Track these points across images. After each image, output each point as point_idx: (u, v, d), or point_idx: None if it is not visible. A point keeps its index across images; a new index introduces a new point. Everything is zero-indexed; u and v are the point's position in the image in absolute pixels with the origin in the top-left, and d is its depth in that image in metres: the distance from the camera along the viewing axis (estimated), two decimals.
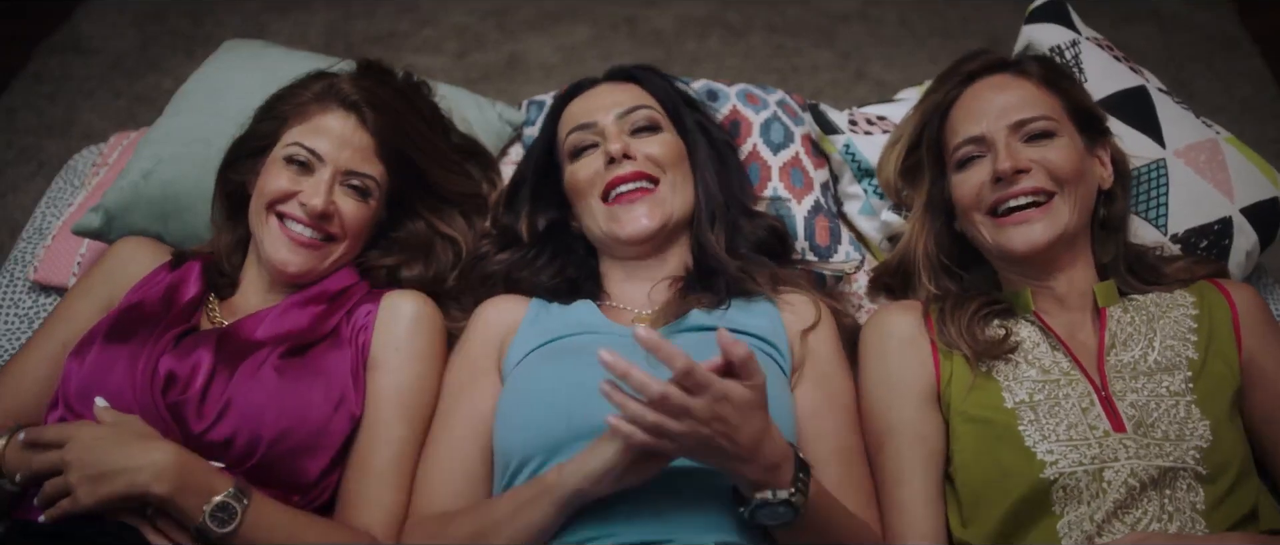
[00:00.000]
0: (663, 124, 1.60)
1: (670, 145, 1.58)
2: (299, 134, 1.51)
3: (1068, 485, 1.30)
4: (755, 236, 1.61)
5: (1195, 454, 1.31)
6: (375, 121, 1.53)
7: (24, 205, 2.63)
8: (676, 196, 1.56)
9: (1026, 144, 1.46)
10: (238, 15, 3.34)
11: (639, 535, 1.25)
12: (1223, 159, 1.72)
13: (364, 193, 1.52)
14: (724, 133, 1.74)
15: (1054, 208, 1.43)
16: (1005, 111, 1.47)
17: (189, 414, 1.35)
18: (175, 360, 1.38)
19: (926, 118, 1.59)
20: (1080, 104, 1.53)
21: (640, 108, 1.60)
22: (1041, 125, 1.46)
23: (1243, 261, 1.70)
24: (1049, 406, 1.36)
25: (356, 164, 1.51)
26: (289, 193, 1.48)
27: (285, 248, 1.48)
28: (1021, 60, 1.55)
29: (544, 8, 3.38)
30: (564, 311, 1.51)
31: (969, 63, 1.56)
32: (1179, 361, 1.41)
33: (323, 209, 1.47)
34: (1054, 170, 1.43)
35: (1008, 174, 1.42)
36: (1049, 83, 1.51)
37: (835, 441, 1.42)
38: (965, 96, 1.53)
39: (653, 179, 1.54)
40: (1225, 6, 3.39)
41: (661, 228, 1.53)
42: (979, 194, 1.47)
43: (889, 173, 1.65)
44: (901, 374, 1.44)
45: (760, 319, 1.48)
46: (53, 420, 1.39)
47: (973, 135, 1.48)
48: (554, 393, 1.35)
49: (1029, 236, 1.43)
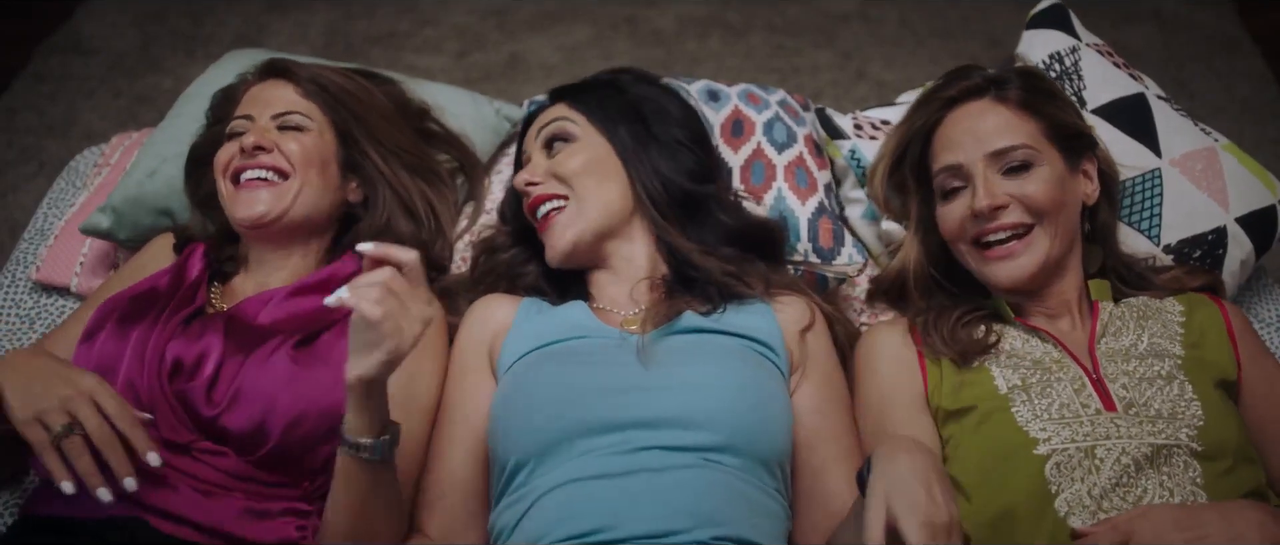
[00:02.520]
0: (577, 133, 1.57)
1: (581, 154, 1.55)
2: (237, 111, 1.59)
3: (1061, 462, 1.31)
4: (728, 229, 1.57)
5: (1189, 431, 1.33)
6: (300, 72, 1.60)
7: (25, 205, 2.64)
8: (589, 204, 1.52)
9: (1005, 176, 1.47)
10: (238, 15, 3.34)
11: (639, 529, 1.25)
12: (1219, 167, 1.72)
13: (299, 128, 1.56)
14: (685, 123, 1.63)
15: (1034, 239, 1.46)
16: (982, 141, 1.48)
17: (198, 400, 1.35)
18: (183, 345, 1.38)
19: (908, 140, 1.60)
20: (1062, 124, 1.52)
21: (553, 121, 1.58)
22: (1020, 156, 1.47)
23: (1237, 271, 1.71)
24: (1041, 388, 1.38)
25: (283, 106, 1.57)
26: (233, 154, 1.53)
27: (243, 200, 1.51)
28: (1003, 79, 1.54)
29: (544, 8, 3.38)
30: (555, 313, 1.51)
31: (948, 88, 1.56)
32: (1167, 353, 1.43)
33: (256, 141, 1.51)
34: (1031, 204, 1.45)
35: (985, 212, 1.45)
36: (1029, 106, 1.51)
37: (844, 442, 1.42)
38: (946, 123, 1.54)
39: (561, 196, 1.53)
40: (1225, 6, 3.39)
41: (577, 241, 1.51)
42: (962, 226, 1.49)
43: (877, 190, 1.67)
44: (893, 383, 1.47)
45: (755, 319, 1.47)
46: None
47: (951, 164, 1.51)
48: (547, 396, 1.35)
49: (1011, 271, 1.46)
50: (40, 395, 1.24)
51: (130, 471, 1.25)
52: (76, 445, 1.23)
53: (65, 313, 1.76)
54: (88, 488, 1.23)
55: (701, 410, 1.32)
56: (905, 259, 1.61)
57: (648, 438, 1.30)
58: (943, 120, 1.55)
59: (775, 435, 1.36)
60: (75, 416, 1.24)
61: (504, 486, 1.35)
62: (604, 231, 1.53)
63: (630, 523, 1.25)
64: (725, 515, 1.27)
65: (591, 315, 1.49)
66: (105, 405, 1.25)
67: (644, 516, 1.26)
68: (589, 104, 1.60)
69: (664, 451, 1.29)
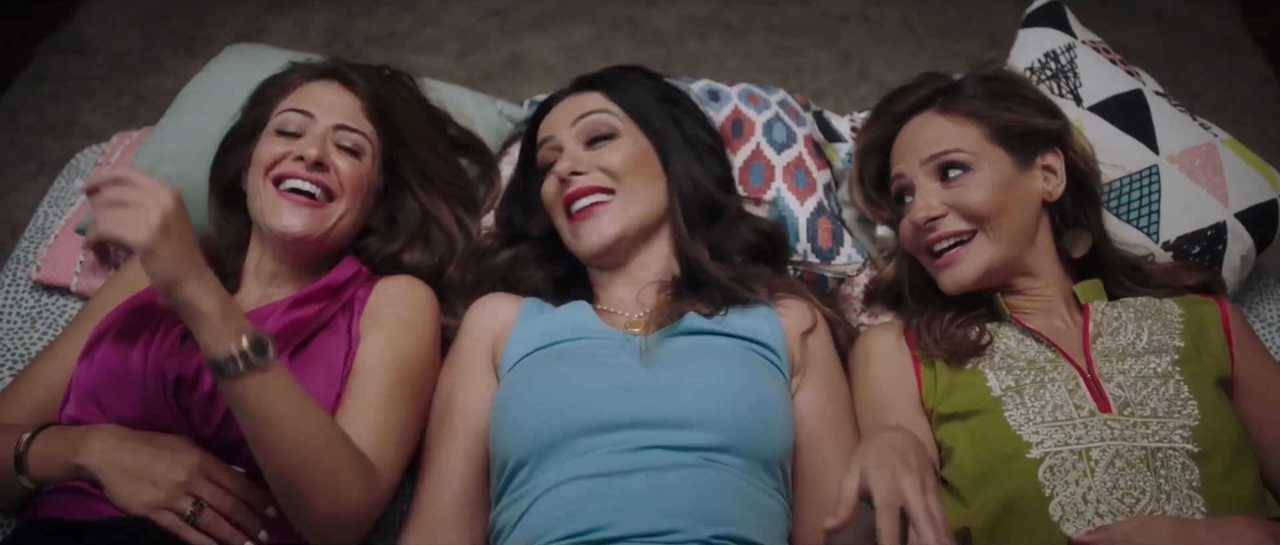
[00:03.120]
0: (622, 129, 1.57)
1: (628, 150, 1.54)
2: (287, 104, 1.54)
3: (1054, 465, 1.31)
4: (745, 240, 1.59)
5: (1183, 432, 1.32)
6: (361, 85, 1.57)
7: (25, 205, 2.64)
8: (636, 202, 1.52)
9: (943, 184, 1.49)
10: (239, 15, 3.34)
11: (640, 528, 1.25)
12: (1219, 162, 1.72)
13: (356, 152, 1.53)
14: (707, 126, 1.69)
15: (976, 245, 1.47)
16: (920, 149, 1.51)
17: (195, 418, 1.35)
18: (180, 361, 1.38)
19: (866, 155, 1.63)
20: (1009, 125, 1.51)
21: (594, 113, 1.56)
22: (953, 158, 1.48)
23: (1237, 267, 1.70)
24: (1034, 390, 1.38)
25: (346, 119, 1.53)
26: (283, 155, 1.49)
27: (286, 211, 1.47)
28: (952, 87, 1.56)
29: (545, 8, 3.38)
30: (558, 313, 1.51)
31: (896, 103, 1.59)
32: (1166, 346, 1.43)
33: (319, 156, 1.48)
34: (967, 211, 1.47)
35: (922, 223, 1.48)
36: (973, 112, 1.52)
37: (844, 444, 1.42)
38: (899, 136, 1.58)
39: (608, 190, 1.52)
40: (1226, 6, 3.39)
41: (620, 237, 1.51)
42: (914, 240, 1.52)
43: (857, 202, 1.69)
44: (887, 385, 1.48)
45: (757, 322, 1.47)
46: (65, 418, 1.40)
47: (896, 174, 1.54)
48: (549, 395, 1.36)
49: (955, 276, 1.48)
50: (154, 485, 1.30)
51: (260, 526, 1.34)
52: (211, 519, 1.31)
53: (66, 312, 1.76)
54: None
55: (703, 410, 1.32)
56: (898, 267, 1.62)
57: (649, 437, 1.30)
58: (897, 133, 1.58)
59: (776, 436, 1.36)
60: (198, 496, 1.30)
61: (504, 485, 1.35)
62: (643, 231, 1.53)
63: (631, 521, 1.25)
64: (726, 515, 1.28)
65: (594, 316, 1.49)
66: (219, 477, 1.32)
67: (645, 515, 1.26)
68: (627, 99, 1.60)
69: (665, 451, 1.30)
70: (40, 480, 1.34)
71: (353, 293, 1.51)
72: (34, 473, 1.34)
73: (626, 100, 1.60)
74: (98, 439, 1.32)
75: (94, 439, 1.32)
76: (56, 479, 1.33)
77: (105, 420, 1.36)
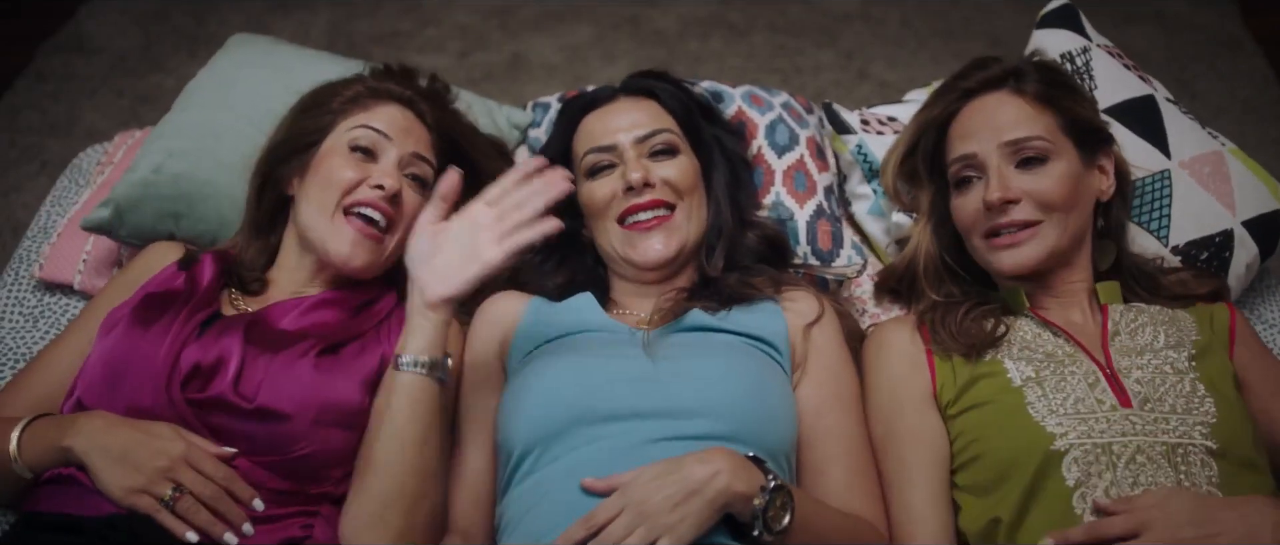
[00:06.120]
0: (681, 146, 1.58)
1: (687, 169, 1.57)
2: (362, 119, 1.53)
3: (1078, 457, 1.31)
4: (753, 247, 1.61)
5: (1202, 429, 1.33)
6: (431, 115, 1.57)
7: (28, 204, 2.64)
8: (692, 222, 1.55)
9: (1019, 169, 1.48)
10: (241, 15, 3.34)
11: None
12: (1226, 171, 1.73)
13: (423, 183, 1.53)
14: (738, 140, 1.72)
15: (1042, 232, 1.47)
16: (998, 132, 1.49)
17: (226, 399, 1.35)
18: (199, 350, 1.37)
19: (923, 130, 1.61)
20: (1079, 118, 1.52)
21: (660, 131, 1.57)
22: (1035, 147, 1.47)
23: (1243, 273, 1.71)
24: (1055, 382, 1.38)
25: (420, 147, 1.54)
26: (357, 180, 1.48)
27: (350, 241, 1.47)
28: (1021, 71, 1.55)
29: (546, 7, 3.38)
30: (564, 308, 1.51)
31: (966, 79, 1.57)
32: (1182, 345, 1.43)
33: (396, 188, 1.48)
34: (1043, 199, 1.46)
35: (997, 205, 1.46)
36: (1046, 99, 1.51)
37: (844, 440, 1.42)
38: (963, 113, 1.55)
39: (670, 205, 1.53)
40: (1228, 7, 3.39)
41: (678, 254, 1.53)
42: (975, 219, 1.50)
43: (889, 179, 1.67)
44: (900, 381, 1.47)
45: (761, 318, 1.48)
46: (67, 410, 1.40)
47: (966, 154, 1.51)
48: (554, 385, 1.36)
49: (1016, 259, 1.47)
50: (136, 469, 1.29)
51: (244, 518, 1.32)
52: (190, 505, 1.29)
53: (69, 310, 1.76)
54: (212, 537, 1.29)
55: (707, 400, 1.33)
56: (916, 248, 1.61)
57: (654, 427, 1.31)
58: (960, 111, 1.56)
59: (779, 425, 1.38)
60: (179, 482, 1.29)
61: (510, 475, 1.36)
62: (695, 247, 1.56)
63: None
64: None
65: (599, 310, 1.50)
66: (202, 465, 1.31)
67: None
68: (681, 115, 1.62)
69: (671, 441, 1.30)
70: (33, 466, 1.34)
71: (384, 315, 1.52)
72: (26, 457, 1.34)
73: (681, 115, 1.63)
74: (87, 422, 1.33)
75: (83, 422, 1.33)
76: (47, 464, 1.33)
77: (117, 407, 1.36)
